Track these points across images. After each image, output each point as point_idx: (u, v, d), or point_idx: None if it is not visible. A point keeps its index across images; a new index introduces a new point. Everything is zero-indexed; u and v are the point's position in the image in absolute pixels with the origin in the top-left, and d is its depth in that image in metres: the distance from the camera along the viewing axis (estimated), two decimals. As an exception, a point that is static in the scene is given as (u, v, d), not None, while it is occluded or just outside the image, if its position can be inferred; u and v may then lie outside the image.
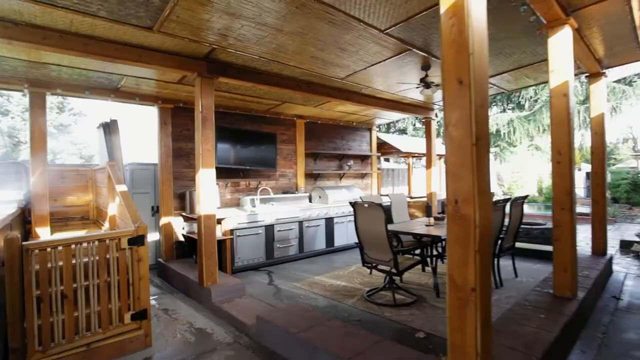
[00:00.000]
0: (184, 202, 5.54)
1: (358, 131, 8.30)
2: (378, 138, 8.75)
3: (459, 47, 1.84)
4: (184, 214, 5.44)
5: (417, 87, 4.85)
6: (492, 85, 5.69)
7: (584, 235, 7.68)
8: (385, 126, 18.62)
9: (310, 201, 6.93)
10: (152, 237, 5.80)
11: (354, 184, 8.09)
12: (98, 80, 4.47)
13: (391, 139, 9.56)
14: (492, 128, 15.98)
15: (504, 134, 15.35)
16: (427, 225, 4.51)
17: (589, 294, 3.44)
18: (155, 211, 5.80)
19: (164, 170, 5.36)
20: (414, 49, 3.99)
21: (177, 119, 5.57)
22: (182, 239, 5.49)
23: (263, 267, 5.44)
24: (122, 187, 3.63)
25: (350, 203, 3.87)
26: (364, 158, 8.36)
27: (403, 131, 21.12)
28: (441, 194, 7.99)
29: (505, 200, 4.25)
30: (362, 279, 4.73)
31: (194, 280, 4.24)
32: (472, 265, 1.78)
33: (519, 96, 17.68)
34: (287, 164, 6.96)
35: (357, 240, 3.97)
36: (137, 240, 2.97)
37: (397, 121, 20.06)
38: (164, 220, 5.34)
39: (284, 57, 4.06)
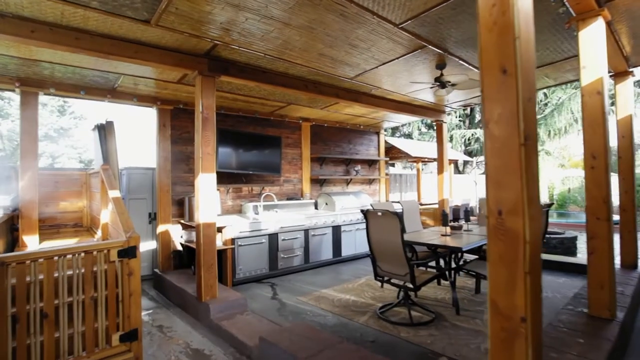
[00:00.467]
0: (182, 208, 5.26)
1: (366, 135, 8.02)
2: (386, 142, 8.46)
3: (502, 30, 1.55)
4: (182, 221, 5.16)
5: (431, 87, 4.57)
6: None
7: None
8: (391, 130, 18.33)
9: (316, 208, 6.63)
10: (149, 245, 5.51)
11: (361, 189, 7.78)
12: (93, 79, 4.22)
13: (400, 143, 9.27)
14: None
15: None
16: (443, 235, 4.19)
17: (628, 314, 3.10)
18: (153, 218, 5.52)
19: (162, 175, 5.09)
20: (429, 46, 3.71)
21: (177, 121, 5.32)
22: (180, 248, 5.20)
23: (266, 279, 5.13)
24: (114, 193, 3.35)
25: (362, 211, 3.57)
26: (371, 163, 8.07)
27: (409, 136, 20.84)
28: (452, 200, 7.66)
29: (547, 207, 3.94)
30: (373, 293, 4.41)
31: (191, 294, 3.94)
32: (521, 289, 1.47)
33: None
34: (292, 169, 6.67)
35: (367, 251, 3.65)
36: (129, 252, 2.68)
37: (402, 125, 19.79)
38: (161, 228, 5.05)
39: (291, 54, 3.79)
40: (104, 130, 4.47)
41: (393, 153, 8.93)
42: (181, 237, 5.18)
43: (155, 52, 3.45)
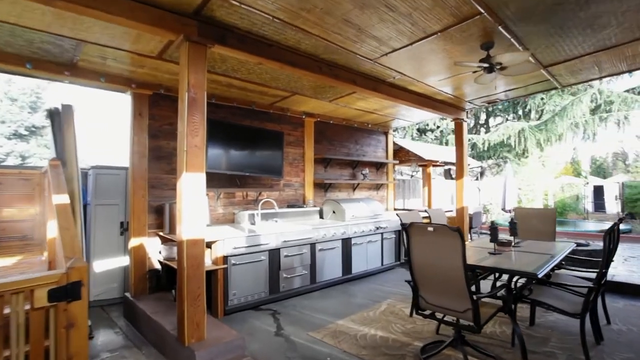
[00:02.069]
0: (162, 217, 4.26)
1: (373, 135, 7.17)
2: (394, 143, 7.64)
3: None
4: (161, 233, 4.16)
5: (474, 72, 3.75)
6: (548, 77, 4.64)
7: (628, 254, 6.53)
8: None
9: (321, 217, 5.72)
10: (120, 262, 4.49)
11: (368, 196, 6.92)
12: (44, 47, 3.22)
13: (409, 144, 8.48)
14: (500, 138, 15.15)
15: (514, 143, 14.48)
16: (491, 254, 3.35)
17: None
18: (125, 228, 4.50)
19: (136, 175, 4.08)
20: (485, 14, 2.89)
21: (157, 109, 4.34)
22: (158, 266, 4.19)
23: (265, 304, 4.17)
24: (60, 198, 2.37)
25: (403, 224, 2.68)
26: (379, 166, 7.21)
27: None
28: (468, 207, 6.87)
29: (620, 221, 3.17)
30: (402, 325, 3.51)
31: (171, 334, 2.95)
32: None
33: (525, 105, 16.97)
34: (293, 171, 5.75)
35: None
36: (68, 292, 1.71)
37: (395, 129, 19.09)
38: (134, 242, 4.04)
39: (307, 19, 2.90)
40: (59, 117, 3.47)
41: (400, 156, 8.13)
42: (160, 252, 4.18)
43: (123, 3, 2.50)
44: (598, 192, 17.36)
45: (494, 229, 3.42)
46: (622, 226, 12.11)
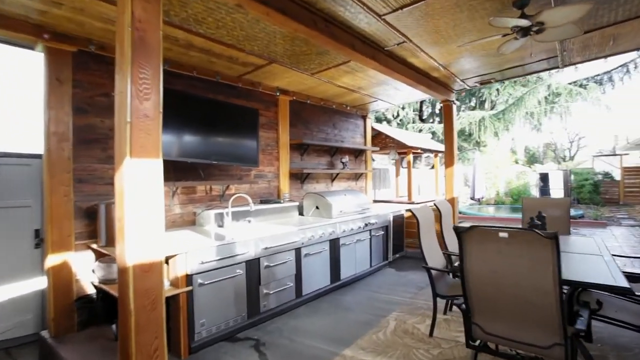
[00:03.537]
0: (95, 223, 3.11)
1: (351, 118, 6.38)
2: (373, 129, 6.94)
3: None
4: (95, 246, 3.02)
5: (504, 35, 3.07)
6: (557, 54, 4.20)
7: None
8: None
9: (300, 213, 4.84)
10: (36, 284, 3.26)
11: (347, 187, 6.16)
12: None
13: (388, 130, 7.84)
14: (461, 126, 15.23)
15: (475, 132, 14.62)
16: (529, 257, 2.74)
17: None
18: (42, 239, 3.26)
19: (54, 166, 2.89)
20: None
21: (85, 74, 3.13)
22: (92, 290, 3.06)
23: (243, 332, 3.22)
24: None
25: (456, 228, 1.92)
26: (358, 153, 6.47)
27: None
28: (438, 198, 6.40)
29: None
30: (426, 350, 2.79)
31: (112, 407, 1.93)
32: None
33: (480, 95, 17.30)
34: (267, 160, 4.78)
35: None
36: None
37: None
38: (54, 259, 2.86)
39: None
40: None
41: (377, 142, 7.46)
42: (93, 271, 3.03)
43: None
44: (544, 179, 18.44)
45: (532, 224, 2.81)
46: (573, 212, 12.61)
